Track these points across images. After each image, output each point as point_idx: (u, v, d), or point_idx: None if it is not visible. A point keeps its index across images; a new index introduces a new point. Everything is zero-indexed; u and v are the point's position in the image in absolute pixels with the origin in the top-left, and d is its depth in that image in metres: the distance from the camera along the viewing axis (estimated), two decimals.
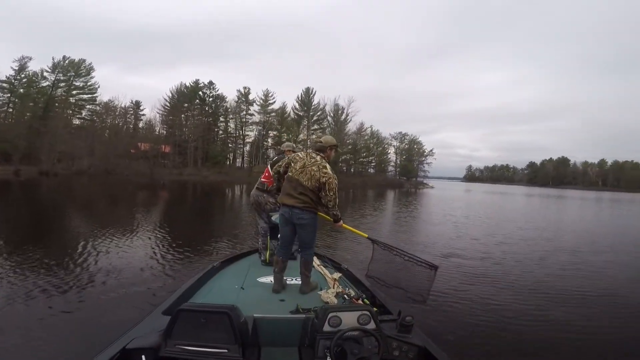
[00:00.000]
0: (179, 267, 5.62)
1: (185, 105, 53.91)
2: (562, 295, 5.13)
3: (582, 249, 8.78)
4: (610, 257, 8.17)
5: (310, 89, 59.97)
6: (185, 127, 53.04)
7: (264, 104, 57.84)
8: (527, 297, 4.97)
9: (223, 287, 3.13)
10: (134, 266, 5.50)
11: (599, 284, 5.74)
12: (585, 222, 17.06)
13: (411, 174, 67.46)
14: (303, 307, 2.54)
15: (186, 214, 14.13)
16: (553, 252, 8.30)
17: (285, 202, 3.06)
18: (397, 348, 1.95)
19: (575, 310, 4.56)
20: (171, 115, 52.54)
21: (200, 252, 6.75)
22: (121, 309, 3.71)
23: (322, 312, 1.99)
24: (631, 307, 4.75)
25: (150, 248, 6.86)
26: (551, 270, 6.63)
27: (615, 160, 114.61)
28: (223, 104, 57.14)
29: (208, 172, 47.84)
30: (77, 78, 46.56)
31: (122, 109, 50.46)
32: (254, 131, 58.36)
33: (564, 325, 4.01)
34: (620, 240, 10.98)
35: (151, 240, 7.61)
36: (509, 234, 10.83)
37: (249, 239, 7.97)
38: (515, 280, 5.81)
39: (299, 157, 3.14)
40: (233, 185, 35.90)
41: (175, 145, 49.95)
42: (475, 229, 11.71)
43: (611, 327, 4.05)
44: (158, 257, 6.16)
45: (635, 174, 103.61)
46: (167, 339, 1.77)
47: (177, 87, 54.52)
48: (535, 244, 9.31)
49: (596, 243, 9.94)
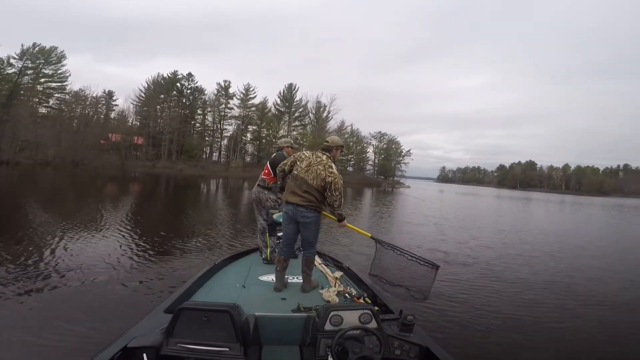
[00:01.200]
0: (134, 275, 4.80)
1: (161, 96, 52.27)
2: (559, 294, 5.26)
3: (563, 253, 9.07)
4: (580, 254, 8.69)
5: (293, 85, 59.70)
6: (161, 118, 51.37)
7: (244, 98, 56.99)
8: (527, 296, 5.03)
9: (224, 285, 3.11)
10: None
11: (597, 285, 5.97)
12: (561, 225, 17.44)
13: (389, 173, 68.53)
14: (304, 306, 2.54)
15: (155, 209, 13.01)
16: (540, 254, 8.44)
17: (290, 200, 3.05)
18: (398, 347, 1.95)
19: (575, 309, 4.66)
20: (146, 106, 50.78)
21: (164, 259, 5.69)
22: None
23: (324, 311, 1.98)
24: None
25: (106, 252, 5.79)
26: (546, 271, 6.77)
27: (577, 165, 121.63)
28: (201, 96, 55.90)
29: (183, 165, 46.62)
30: (46, 66, 44.47)
31: (93, 99, 48.57)
32: (233, 125, 57.45)
33: (564, 325, 4.06)
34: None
35: (108, 240, 6.70)
36: (496, 236, 10.94)
37: (222, 240, 7.51)
38: (514, 280, 5.86)
39: (304, 155, 3.14)
40: (209, 180, 35.09)
41: (149, 137, 48.27)
42: (458, 231, 11.64)
43: (608, 324, 4.24)
44: (113, 262, 5.31)
45: (594, 178, 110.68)
46: (169, 338, 1.76)
47: (153, 78, 52.92)
48: (522, 246, 9.45)
49: (583, 247, 10.24)
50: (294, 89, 59.57)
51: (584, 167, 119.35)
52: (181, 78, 54.28)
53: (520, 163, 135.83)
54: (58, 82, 45.87)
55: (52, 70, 45.08)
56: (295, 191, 3.02)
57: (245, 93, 57.01)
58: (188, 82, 54.61)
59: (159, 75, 53.10)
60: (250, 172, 49.68)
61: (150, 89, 52.15)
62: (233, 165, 52.81)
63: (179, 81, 53.99)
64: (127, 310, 3.57)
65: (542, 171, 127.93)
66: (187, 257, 5.97)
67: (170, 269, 5.16)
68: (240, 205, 16.08)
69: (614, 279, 6.48)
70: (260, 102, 57.63)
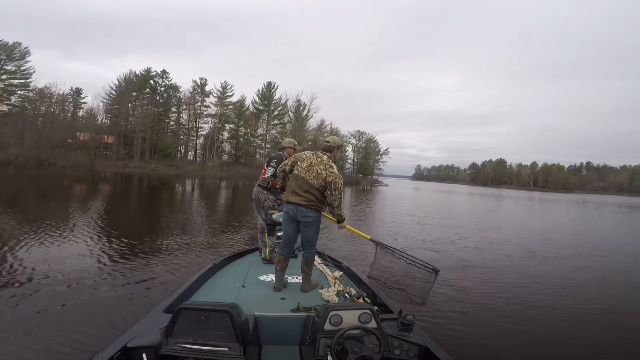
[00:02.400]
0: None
1: (133, 93, 50.49)
2: (555, 293, 5.34)
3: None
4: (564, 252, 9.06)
5: (273, 83, 59.14)
6: (133, 116, 49.53)
7: (221, 96, 55.89)
8: (524, 296, 5.06)
9: (224, 285, 3.10)
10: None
11: (593, 291, 5.92)
12: (544, 224, 17.52)
13: (367, 172, 69.33)
14: (304, 306, 2.54)
15: (125, 212, 12.13)
16: (532, 253, 8.53)
17: (290, 200, 3.05)
18: (398, 347, 1.95)
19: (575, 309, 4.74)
20: (117, 104, 48.80)
21: (131, 268, 5.19)
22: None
23: (323, 311, 1.98)
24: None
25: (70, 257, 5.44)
26: (541, 270, 6.84)
27: (544, 163, 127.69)
28: (176, 94, 54.28)
29: (157, 164, 45.16)
30: (8, 62, 42.01)
31: (59, 96, 46.13)
32: (209, 124, 56.23)
33: (562, 324, 4.11)
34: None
35: (72, 243, 6.35)
36: (484, 235, 10.97)
37: (196, 245, 7.00)
38: (510, 280, 5.91)
39: (305, 155, 3.16)
40: (184, 180, 34.17)
41: (120, 135, 46.42)
42: (443, 230, 11.63)
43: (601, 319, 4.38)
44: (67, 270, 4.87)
45: (560, 176, 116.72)
46: (168, 337, 1.76)
47: (125, 75, 50.86)
48: (508, 246, 9.44)
49: (570, 246, 10.34)
50: (273, 87, 59.10)
51: (550, 165, 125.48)
52: (155, 75, 52.53)
53: (491, 161, 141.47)
54: (21, 79, 43.53)
55: (14, 66, 42.84)
56: (296, 191, 3.03)
57: (223, 91, 56.01)
58: (162, 79, 52.90)
59: (131, 73, 51.24)
60: (227, 172, 48.97)
61: (122, 86, 50.17)
62: (209, 165, 51.67)
63: (152, 78, 52.19)
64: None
65: (512, 169, 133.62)
66: (152, 267, 5.35)
67: (131, 277, 4.86)
68: (217, 206, 15.78)
69: (615, 281, 6.47)
70: (238, 101, 56.73)
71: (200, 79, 54.86)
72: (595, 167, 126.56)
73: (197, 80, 54.77)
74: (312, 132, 59.69)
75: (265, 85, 59.02)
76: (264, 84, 59.24)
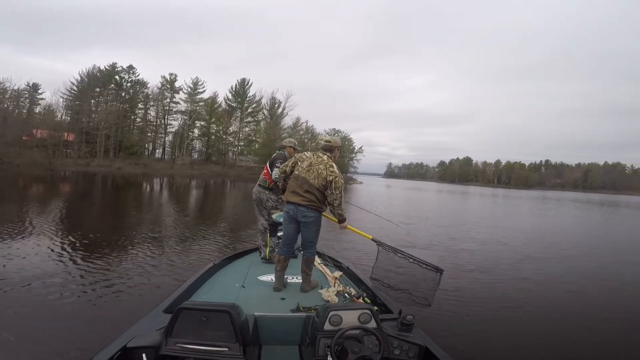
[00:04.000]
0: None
1: (97, 89, 47.97)
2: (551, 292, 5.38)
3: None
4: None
5: (247, 80, 57.95)
6: (96, 113, 47.11)
7: (192, 92, 54.21)
8: (522, 296, 5.10)
9: (224, 285, 3.07)
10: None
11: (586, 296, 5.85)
12: (525, 222, 17.91)
13: (343, 169, 69.68)
14: (304, 306, 2.54)
15: (82, 212, 10.91)
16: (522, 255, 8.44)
17: (291, 200, 3.05)
18: (397, 347, 1.94)
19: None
20: (78, 100, 46.20)
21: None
22: None
23: (323, 311, 1.97)
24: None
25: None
26: (539, 268, 6.88)
27: (507, 161, 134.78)
28: (144, 90, 52.14)
29: (122, 163, 43.23)
30: None
31: (14, 92, 42.95)
32: (179, 120, 54.40)
33: (560, 322, 4.11)
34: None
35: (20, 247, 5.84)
36: (471, 235, 10.82)
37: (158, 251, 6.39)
38: (508, 279, 5.91)
39: (305, 156, 3.17)
40: (152, 179, 32.92)
41: (82, 132, 43.97)
42: (429, 229, 11.47)
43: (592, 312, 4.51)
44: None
45: (522, 173, 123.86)
46: (168, 338, 1.75)
47: (88, 70, 48.31)
48: (500, 246, 9.45)
49: (558, 243, 10.54)
50: (247, 84, 57.94)
51: (512, 163, 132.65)
52: (120, 71, 50.25)
53: (458, 159, 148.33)
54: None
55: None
56: (297, 191, 3.04)
57: (193, 87, 54.36)
58: (128, 74, 50.70)
59: (95, 68, 48.72)
60: (199, 170, 47.69)
61: (84, 81, 47.57)
62: (179, 163, 50.12)
63: (118, 74, 49.87)
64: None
65: (478, 167, 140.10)
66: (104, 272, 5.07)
67: (83, 281, 4.63)
68: (186, 208, 15.38)
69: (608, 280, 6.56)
70: (209, 97, 55.31)
71: (170, 74, 53.17)
72: (554, 164, 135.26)
73: (167, 76, 53.03)
74: (287, 130, 59.23)
75: (239, 82, 57.88)
76: (238, 80, 58.07)
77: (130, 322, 2.16)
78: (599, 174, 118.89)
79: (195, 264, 5.51)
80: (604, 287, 6.01)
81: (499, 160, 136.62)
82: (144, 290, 4.33)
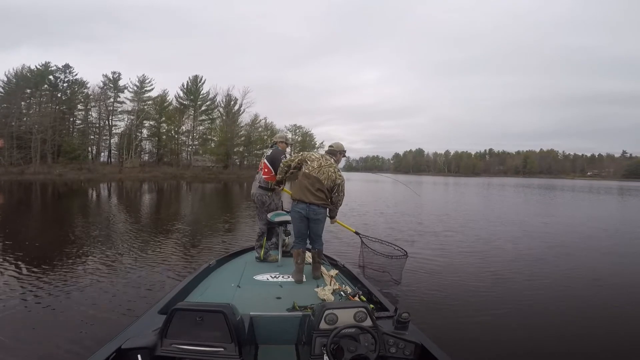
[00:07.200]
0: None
1: (28, 91, 43.64)
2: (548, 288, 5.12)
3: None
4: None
5: (199, 77, 55.84)
6: (27, 116, 42.83)
7: (138, 91, 51.17)
8: (520, 294, 4.81)
9: (219, 285, 3.09)
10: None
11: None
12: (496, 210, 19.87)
13: None
14: (300, 305, 2.56)
15: (17, 229, 9.52)
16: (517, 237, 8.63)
17: (304, 199, 3.25)
18: (393, 345, 1.94)
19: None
20: (5, 102, 41.72)
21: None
22: None
23: (319, 310, 1.97)
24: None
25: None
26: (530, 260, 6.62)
27: (456, 151, 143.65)
28: (83, 90, 48.22)
29: (63, 169, 39.87)
30: None
31: None
32: (125, 121, 51.10)
33: (558, 323, 3.91)
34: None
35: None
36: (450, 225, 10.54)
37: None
38: (507, 276, 5.57)
39: (314, 156, 3.40)
40: (98, 184, 30.51)
41: (12, 137, 39.72)
42: (410, 221, 11.24)
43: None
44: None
45: (469, 162, 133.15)
46: (163, 338, 1.75)
47: (16, 70, 43.74)
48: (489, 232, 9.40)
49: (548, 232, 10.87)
50: (200, 81, 55.88)
51: (460, 153, 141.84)
52: (55, 70, 46.03)
53: (411, 151, 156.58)
54: None
55: None
56: (310, 189, 3.26)
57: (140, 86, 51.37)
58: (65, 74, 46.58)
59: (24, 67, 44.24)
60: (150, 172, 45.18)
61: (12, 82, 43.08)
62: (128, 166, 47.11)
63: (52, 74, 45.63)
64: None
65: (429, 157, 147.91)
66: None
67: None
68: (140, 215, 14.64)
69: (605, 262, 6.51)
70: (158, 95, 52.61)
71: (113, 73, 49.72)
72: (496, 153, 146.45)
73: (109, 74, 49.51)
74: (245, 127, 58.00)
75: (191, 79, 55.64)
76: (190, 77, 55.86)
77: (126, 324, 2.17)
78: (537, 160, 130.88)
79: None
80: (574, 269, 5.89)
81: (448, 151, 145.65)
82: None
